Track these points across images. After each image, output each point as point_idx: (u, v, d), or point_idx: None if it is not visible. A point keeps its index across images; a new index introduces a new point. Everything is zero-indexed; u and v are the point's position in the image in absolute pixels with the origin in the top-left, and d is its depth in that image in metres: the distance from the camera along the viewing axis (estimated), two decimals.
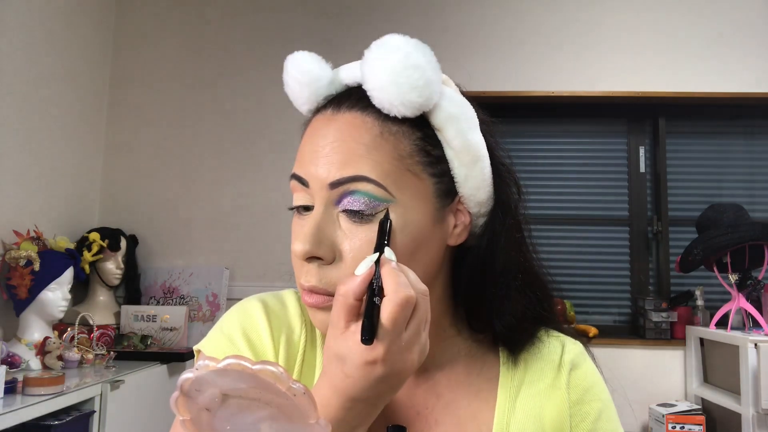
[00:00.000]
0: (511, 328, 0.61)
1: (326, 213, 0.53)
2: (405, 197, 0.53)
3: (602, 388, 0.64)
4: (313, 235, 0.52)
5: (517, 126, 2.81)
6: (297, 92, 0.59)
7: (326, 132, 0.54)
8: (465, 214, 0.59)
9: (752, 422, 2.02)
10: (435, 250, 0.57)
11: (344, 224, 0.53)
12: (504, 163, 0.62)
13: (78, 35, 2.52)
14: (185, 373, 0.40)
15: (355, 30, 2.69)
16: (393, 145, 0.53)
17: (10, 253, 1.93)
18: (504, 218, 0.61)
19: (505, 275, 0.60)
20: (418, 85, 0.51)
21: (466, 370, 0.62)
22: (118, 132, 2.74)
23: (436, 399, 0.60)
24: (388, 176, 0.52)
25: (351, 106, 0.55)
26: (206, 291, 2.57)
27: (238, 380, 0.40)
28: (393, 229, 0.53)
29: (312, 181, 0.54)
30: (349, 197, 0.52)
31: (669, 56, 2.66)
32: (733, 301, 2.31)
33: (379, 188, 0.52)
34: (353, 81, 0.57)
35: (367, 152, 0.52)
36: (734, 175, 2.77)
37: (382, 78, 0.52)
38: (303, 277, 0.54)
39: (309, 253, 0.52)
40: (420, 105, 0.53)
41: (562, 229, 2.77)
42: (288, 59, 0.59)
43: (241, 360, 0.39)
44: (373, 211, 0.52)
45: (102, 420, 1.78)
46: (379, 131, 0.53)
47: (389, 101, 0.52)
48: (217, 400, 0.41)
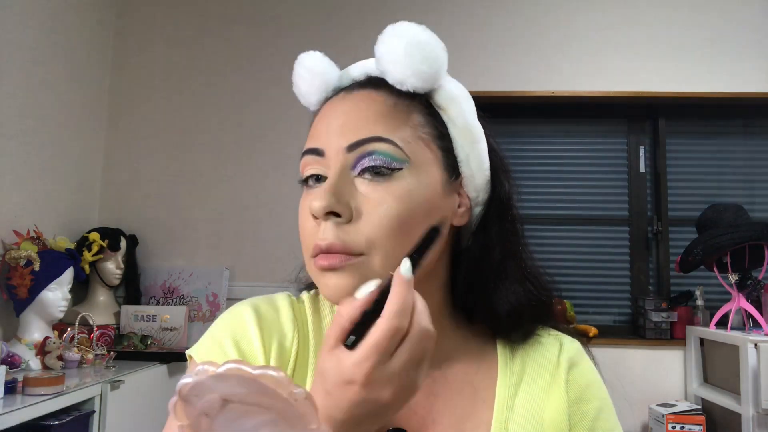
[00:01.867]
0: (508, 321, 0.61)
1: (343, 175, 0.54)
2: (419, 160, 0.55)
3: (600, 386, 0.64)
4: (332, 191, 0.52)
5: (517, 126, 2.81)
6: (308, 82, 0.61)
7: (340, 108, 0.57)
8: (465, 197, 0.60)
9: (752, 422, 2.02)
10: (444, 220, 0.57)
11: (361, 186, 0.54)
12: (499, 154, 0.64)
13: (78, 35, 2.52)
14: (184, 378, 0.40)
15: (355, 32, 2.69)
16: (406, 115, 0.56)
17: (10, 253, 1.93)
18: (500, 209, 0.62)
19: (502, 267, 0.61)
20: (429, 57, 0.56)
21: (463, 368, 0.62)
22: (118, 132, 2.74)
23: (434, 398, 0.60)
24: (403, 140, 0.55)
25: (362, 86, 0.59)
26: (206, 291, 2.57)
27: (238, 385, 0.39)
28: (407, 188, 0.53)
29: (328, 148, 0.55)
30: (367, 157, 0.54)
31: (669, 56, 2.66)
32: (733, 301, 2.31)
33: (396, 148, 0.54)
34: (362, 74, 0.61)
35: (383, 119, 0.55)
36: (734, 175, 2.77)
37: (397, 51, 0.55)
38: (319, 234, 0.53)
39: (328, 207, 0.52)
40: (430, 77, 0.56)
41: (562, 229, 2.76)
42: (299, 57, 0.62)
43: (241, 365, 0.38)
44: (391, 169, 0.53)
45: (102, 420, 1.78)
46: (393, 102, 0.57)
47: (402, 72, 0.55)
48: (216, 406, 0.40)
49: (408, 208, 0.53)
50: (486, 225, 0.62)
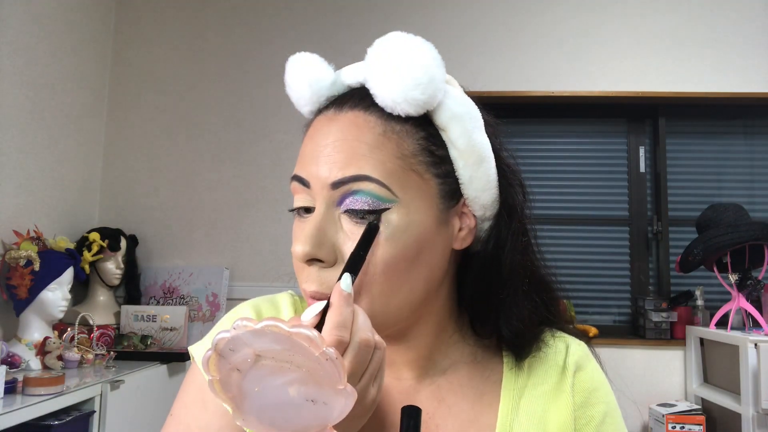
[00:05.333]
0: (517, 334, 0.59)
1: (327, 214, 0.51)
2: (408, 197, 0.52)
3: (607, 390, 0.63)
4: (313, 236, 0.50)
5: (517, 126, 2.81)
6: (299, 93, 0.58)
7: (328, 131, 0.53)
8: (470, 217, 0.57)
9: (752, 422, 2.02)
10: (440, 253, 0.55)
11: (346, 225, 0.51)
12: (509, 165, 0.61)
13: (78, 35, 2.52)
14: (221, 333, 0.41)
15: (355, 30, 2.69)
16: (396, 144, 0.52)
17: (10, 253, 1.93)
18: (510, 222, 0.59)
19: (511, 280, 0.58)
20: (422, 82, 0.50)
21: (468, 375, 0.61)
22: (118, 132, 2.74)
23: (438, 403, 0.59)
24: (392, 175, 0.51)
25: (353, 105, 0.54)
26: (206, 291, 2.56)
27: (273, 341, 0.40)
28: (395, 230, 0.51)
29: (313, 181, 0.52)
30: (352, 197, 0.51)
31: (669, 56, 2.66)
32: (733, 301, 2.31)
33: (382, 188, 0.50)
34: (356, 81, 0.56)
35: (370, 151, 0.51)
36: (734, 175, 2.77)
37: (386, 75, 0.51)
38: (304, 282, 0.52)
39: (309, 255, 0.50)
40: (423, 102, 0.52)
41: (562, 229, 2.76)
42: (290, 60, 0.59)
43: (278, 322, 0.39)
44: (376, 210, 0.51)
45: (102, 420, 1.78)
46: (382, 130, 0.52)
47: (392, 99, 0.51)
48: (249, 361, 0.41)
49: (395, 252, 0.51)
50: (496, 237, 0.59)
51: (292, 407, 0.42)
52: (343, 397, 0.41)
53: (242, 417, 0.43)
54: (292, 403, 0.42)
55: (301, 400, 0.41)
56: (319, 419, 0.42)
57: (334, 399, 0.41)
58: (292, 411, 0.42)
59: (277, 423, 0.43)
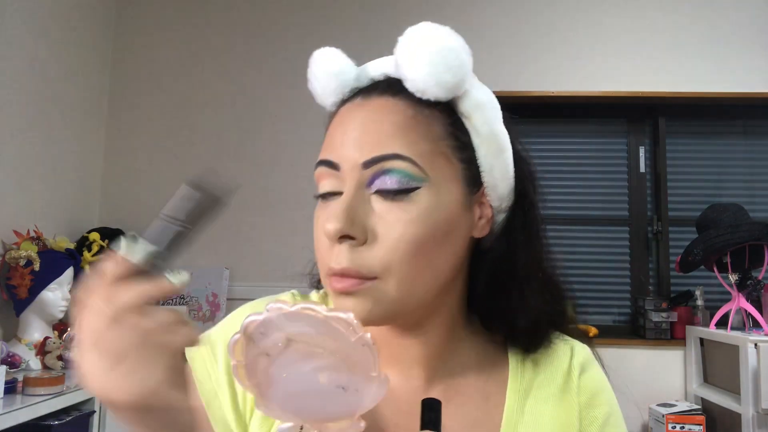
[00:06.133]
0: (527, 331, 0.60)
1: (358, 194, 0.51)
2: (438, 178, 0.53)
3: (610, 393, 0.64)
4: (345, 213, 0.50)
5: (517, 126, 2.80)
6: (325, 83, 0.58)
7: (356, 116, 0.54)
8: (487, 207, 0.58)
9: (752, 422, 2.02)
10: (462, 238, 0.56)
11: (377, 205, 0.51)
12: (524, 158, 0.62)
13: (78, 35, 2.52)
14: (252, 316, 0.40)
15: (354, 31, 2.69)
16: (426, 127, 0.53)
17: (10, 253, 1.93)
18: (525, 216, 0.60)
19: (525, 276, 0.59)
20: (453, 65, 0.52)
21: (475, 375, 0.61)
22: (118, 132, 2.74)
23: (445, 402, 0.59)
24: (422, 156, 0.52)
25: (381, 92, 0.55)
26: (206, 291, 2.56)
27: (307, 325, 0.39)
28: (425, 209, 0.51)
29: (343, 163, 0.52)
30: (383, 176, 0.51)
31: (669, 56, 2.66)
32: (733, 301, 2.31)
33: (414, 166, 0.51)
34: (380, 74, 0.58)
35: (401, 132, 0.52)
36: (734, 175, 2.77)
37: (419, 58, 0.52)
38: (333, 259, 0.51)
39: (342, 231, 0.49)
40: (453, 86, 0.53)
41: (562, 229, 2.76)
42: (315, 53, 0.59)
43: (314, 305, 0.38)
44: (408, 189, 0.51)
45: (102, 420, 1.78)
46: (412, 113, 0.53)
47: (424, 82, 0.52)
48: (279, 345, 0.40)
49: (425, 231, 0.51)
50: (510, 232, 0.60)
51: (320, 395, 0.40)
52: (375, 384, 0.39)
53: (265, 404, 0.42)
54: (320, 391, 0.40)
55: (331, 387, 0.40)
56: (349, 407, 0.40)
57: (366, 386, 0.40)
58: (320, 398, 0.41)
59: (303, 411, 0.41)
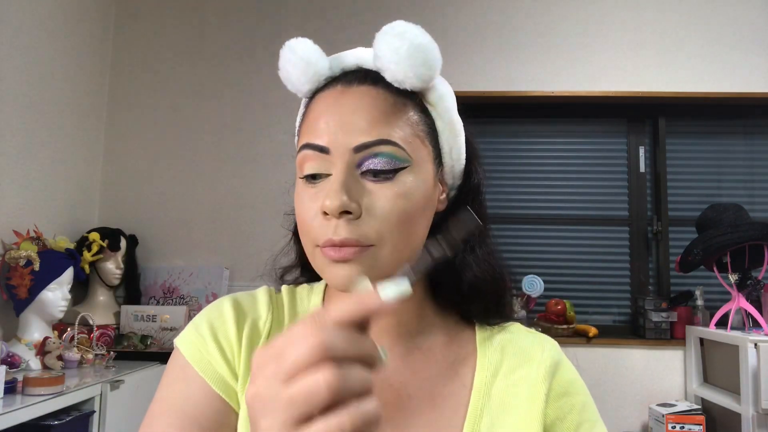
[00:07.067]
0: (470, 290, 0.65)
1: (350, 174, 0.56)
2: (418, 158, 0.59)
3: (582, 383, 0.68)
4: (343, 189, 0.55)
5: (517, 126, 2.81)
6: (300, 71, 0.63)
7: (343, 103, 0.59)
8: (445, 184, 0.65)
9: (752, 422, 2.02)
10: (432, 211, 0.62)
11: (367, 184, 0.57)
12: (473, 145, 0.69)
13: (78, 35, 2.52)
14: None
15: (351, 30, 2.69)
16: (405, 114, 0.59)
17: (10, 253, 1.93)
18: (473, 194, 0.67)
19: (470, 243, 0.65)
20: (429, 59, 0.58)
21: (440, 346, 0.65)
22: (118, 132, 2.74)
23: (411, 374, 0.63)
24: (405, 139, 0.58)
25: (361, 81, 0.60)
26: (206, 291, 2.56)
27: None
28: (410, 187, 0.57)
29: (334, 147, 0.57)
30: (373, 159, 0.56)
31: (669, 56, 2.66)
32: (733, 301, 2.31)
33: (400, 150, 0.57)
34: (353, 65, 0.63)
35: (387, 118, 0.58)
36: (734, 175, 2.77)
37: (399, 51, 0.58)
38: (332, 231, 0.55)
39: (342, 207, 0.54)
40: (429, 78, 0.59)
41: (562, 229, 2.76)
42: (288, 43, 0.65)
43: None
44: (395, 170, 0.57)
45: (102, 420, 1.78)
46: (393, 101, 0.59)
47: (404, 74, 0.58)
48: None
49: (411, 205, 0.57)
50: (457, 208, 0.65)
51: None
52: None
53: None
54: None
55: None
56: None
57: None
58: None
59: None
